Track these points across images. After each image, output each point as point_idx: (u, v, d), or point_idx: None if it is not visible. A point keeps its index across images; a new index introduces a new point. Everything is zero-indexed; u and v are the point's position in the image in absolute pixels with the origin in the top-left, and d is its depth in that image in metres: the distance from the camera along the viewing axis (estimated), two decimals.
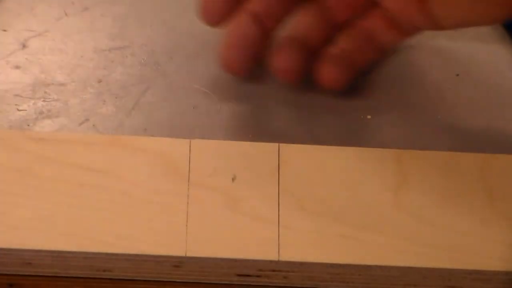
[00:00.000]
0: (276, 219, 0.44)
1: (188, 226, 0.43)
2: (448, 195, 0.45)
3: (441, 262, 0.43)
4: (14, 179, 0.44)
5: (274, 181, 0.45)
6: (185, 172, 0.45)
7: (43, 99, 0.50)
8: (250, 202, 0.44)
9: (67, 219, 0.43)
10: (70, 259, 0.43)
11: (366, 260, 0.43)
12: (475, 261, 0.44)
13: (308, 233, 0.44)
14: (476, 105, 0.52)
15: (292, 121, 0.50)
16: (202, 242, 0.43)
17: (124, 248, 0.43)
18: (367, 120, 0.51)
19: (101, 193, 0.44)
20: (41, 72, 0.51)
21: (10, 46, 0.52)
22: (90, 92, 0.51)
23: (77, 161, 0.45)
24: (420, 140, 0.50)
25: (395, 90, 0.52)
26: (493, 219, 0.45)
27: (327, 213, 0.44)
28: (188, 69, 0.52)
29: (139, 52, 0.53)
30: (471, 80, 0.53)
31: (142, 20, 0.54)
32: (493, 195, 0.45)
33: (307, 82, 0.52)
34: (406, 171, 0.46)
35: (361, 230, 0.44)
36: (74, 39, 0.53)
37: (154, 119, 0.50)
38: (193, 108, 0.51)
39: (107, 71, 0.52)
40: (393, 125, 0.51)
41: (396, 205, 0.45)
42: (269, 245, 0.43)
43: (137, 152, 0.45)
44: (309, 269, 0.44)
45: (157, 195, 0.44)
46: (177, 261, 0.43)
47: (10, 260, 0.43)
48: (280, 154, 0.46)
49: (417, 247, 0.44)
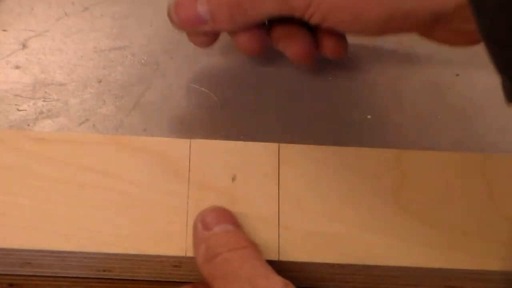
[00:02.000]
0: (276, 219, 0.44)
1: (188, 226, 0.43)
2: (448, 195, 0.45)
3: (441, 262, 0.43)
4: (14, 179, 0.44)
5: (274, 181, 0.45)
6: (185, 172, 0.45)
7: (43, 99, 0.50)
8: (250, 202, 0.44)
9: (67, 219, 0.43)
10: (70, 259, 0.43)
11: (366, 260, 0.43)
12: (475, 261, 0.44)
13: (308, 233, 0.44)
14: (476, 105, 0.52)
15: (292, 121, 0.50)
16: None
17: (124, 248, 0.43)
18: (367, 120, 0.51)
19: (101, 193, 0.44)
20: (41, 72, 0.51)
21: (10, 46, 0.52)
22: (90, 92, 0.51)
23: (77, 161, 0.45)
24: (420, 140, 0.50)
25: (395, 90, 0.52)
26: (493, 219, 0.45)
27: (327, 213, 0.44)
28: (188, 69, 0.52)
29: (139, 52, 0.53)
30: (471, 80, 0.53)
31: (142, 20, 0.54)
32: (493, 195, 0.45)
33: (308, 82, 0.52)
34: (406, 171, 0.46)
35: (361, 230, 0.44)
36: (74, 39, 0.53)
37: (154, 119, 0.50)
38: (193, 108, 0.51)
39: (107, 71, 0.52)
40: (393, 125, 0.51)
41: (396, 205, 0.45)
42: (269, 245, 0.43)
43: (137, 152, 0.45)
44: (309, 269, 0.44)
45: (157, 195, 0.44)
46: (177, 261, 0.43)
47: (10, 260, 0.43)
48: (280, 154, 0.46)
49: (417, 247, 0.44)
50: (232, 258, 0.40)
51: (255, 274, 0.40)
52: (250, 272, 0.40)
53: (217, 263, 0.40)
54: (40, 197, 0.44)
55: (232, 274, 0.40)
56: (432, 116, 0.51)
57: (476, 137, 0.50)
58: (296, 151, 0.46)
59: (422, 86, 0.52)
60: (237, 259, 0.40)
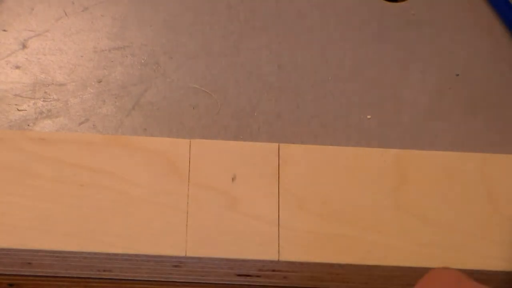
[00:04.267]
0: (276, 219, 0.44)
1: (188, 226, 0.43)
2: (448, 195, 0.45)
3: (441, 262, 0.43)
4: (14, 179, 0.44)
5: (274, 181, 0.45)
6: (185, 172, 0.45)
7: (43, 99, 0.50)
8: (250, 202, 0.44)
9: (67, 219, 0.43)
10: (70, 259, 0.43)
11: (366, 260, 0.43)
12: (475, 261, 0.44)
13: (308, 233, 0.44)
14: (476, 105, 0.52)
15: (292, 121, 0.50)
16: (202, 242, 0.43)
17: (124, 248, 0.43)
18: (367, 120, 0.51)
19: (101, 193, 0.44)
20: (41, 72, 0.51)
21: (10, 46, 0.52)
22: (90, 92, 0.51)
23: (77, 161, 0.45)
24: (420, 140, 0.50)
25: (395, 90, 0.52)
26: (493, 219, 0.45)
27: (327, 213, 0.44)
28: (188, 69, 0.52)
29: (139, 52, 0.53)
30: (471, 80, 0.53)
31: (142, 20, 0.54)
32: (493, 195, 0.45)
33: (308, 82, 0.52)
34: (406, 171, 0.46)
35: (361, 230, 0.44)
36: (74, 39, 0.53)
37: (154, 119, 0.50)
38: (193, 108, 0.51)
39: (107, 71, 0.52)
40: (393, 125, 0.51)
41: (396, 205, 0.45)
42: (269, 245, 0.43)
43: (137, 152, 0.45)
44: (309, 269, 0.44)
45: (157, 195, 0.44)
46: (177, 261, 0.43)
47: (10, 260, 0.43)
48: (280, 154, 0.46)
49: (417, 247, 0.44)
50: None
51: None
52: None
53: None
54: (40, 197, 0.44)
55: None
56: (432, 116, 0.51)
57: (476, 137, 0.50)
58: (296, 151, 0.46)
59: (422, 86, 0.52)
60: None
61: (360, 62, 0.53)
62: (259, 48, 0.53)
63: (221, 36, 0.53)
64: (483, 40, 0.55)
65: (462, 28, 0.55)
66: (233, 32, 0.54)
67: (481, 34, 0.55)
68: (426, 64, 0.53)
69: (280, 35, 0.54)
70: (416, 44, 0.54)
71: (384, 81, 0.53)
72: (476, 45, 0.54)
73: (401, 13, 0.55)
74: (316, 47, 0.53)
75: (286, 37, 0.54)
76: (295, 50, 0.53)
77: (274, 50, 0.53)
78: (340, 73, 0.53)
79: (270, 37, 0.54)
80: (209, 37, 0.53)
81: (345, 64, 0.53)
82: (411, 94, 0.52)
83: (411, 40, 0.54)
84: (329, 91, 0.51)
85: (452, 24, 0.55)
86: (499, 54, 0.54)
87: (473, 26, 0.55)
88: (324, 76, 0.52)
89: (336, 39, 0.54)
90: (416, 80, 0.53)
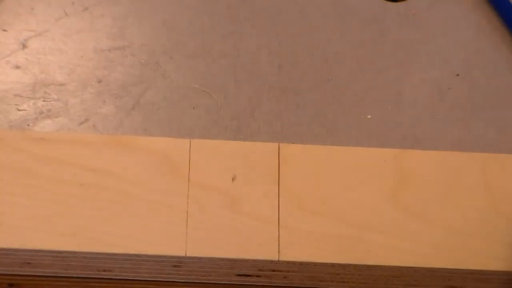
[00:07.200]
0: (276, 219, 0.44)
1: (188, 226, 0.43)
2: (448, 195, 0.45)
3: (441, 262, 0.43)
4: (14, 179, 0.44)
5: (274, 181, 0.45)
6: (185, 172, 0.45)
7: (43, 99, 0.50)
8: (250, 202, 0.44)
9: (67, 219, 0.43)
10: (70, 259, 0.43)
11: (366, 260, 0.43)
12: (475, 261, 0.44)
13: (308, 233, 0.44)
14: (476, 105, 0.52)
15: (292, 121, 0.50)
16: (202, 242, 0.43)
17: (124, 248, 0.43)
18: (367, 120, 0.51)
19: (101, 193, 0.44)
20: (41, 72, 0.51)
21: (10, 46, 0.52)
22: (90, 92, 0.51)
23: (77, 161, 0.45)
24: (420, 140, 0.50)
25: (395, 90, 0.52)
26: (493, 219, 0.45)
27: (327, 213, 0.44)
28: (188, 69, 0.52)
29: (139, 52, 0.53)
30: (471, 80, 0.53)
31: (142, 20, 0.54)
32: (493, 195, 0.45)
33: (308, 82, 0.52)
34: (406, 171, 0.46)
35: (361, 230, 0.44)
36: (74, 39, 0.53)
37: (154, 119, 0.50)
38: (193, 108, 0.51)
39: (107, 71, 0.52)
40: (393, 125, 0.51)
41: (396, 205, 0.45)
42: (269, 245, 0.43)
43: (137, 152, 0.45)
44: (309, 269, 0.44)
45: (157, 195, 0.44)
46: (177, 261, 0.43)
47: (10, 260, 0.43)
48: (280, 154, 0.46)
49: (417, 247, 0.44)
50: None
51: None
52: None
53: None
54: (40, 197, 0.44)
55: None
56: (432, 116, 0.51)
57: (476, 137, 0.50)
58: (296, 151, 0.46)
59: (422, 86, 0.52)
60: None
61: (360, 62, 0.53)
62: (259, 48, 0.53)
63: (221, 36, 0.53)
64: (483, 40, 0.55)
65: (462, 28, 0.55)
66: (233, 32, 0.54)
67: (481, 34, 0.55)
68: (426, 64, 0.53)
69: (280, 35, 0.54)
70: (416, 44, 0.54)
71: (384, 81, 0.53)
72: (476, 45, 0.54)
73: (401, 13, 0.55)
74: (316, 47, 0.53)
75: (286, 37, 0.54)
76: (295, 50, 0.53)
77: (274, 50, 0.53)
78: (340, 73, 0.53)
79: (270, 37, 0.54)
80: (209, 37, 0.53)
81: (345, 64, 0.53)
82: (411, 94, 0.52)
83: (411, 40, 0.54)
84: (329, 91, 0.51)
85: (452, 24, 0.55)
86: (499, 54, 0.54)
87: (473, 26, 0.55)
88: (324, 76, 0.52)
89: (336, 39, 0.54)
90: (416, 80, 0.53)
